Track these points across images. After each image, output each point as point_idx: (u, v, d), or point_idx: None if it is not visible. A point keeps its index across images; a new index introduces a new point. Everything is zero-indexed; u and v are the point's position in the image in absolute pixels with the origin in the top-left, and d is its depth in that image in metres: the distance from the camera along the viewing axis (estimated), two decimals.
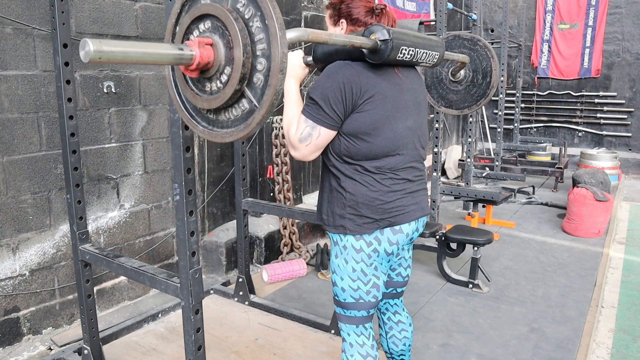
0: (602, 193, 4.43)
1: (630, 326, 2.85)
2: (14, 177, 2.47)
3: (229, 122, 1.16)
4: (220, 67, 1.11)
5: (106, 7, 2.75)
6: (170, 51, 1.06)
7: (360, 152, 1.55)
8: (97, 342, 2.29)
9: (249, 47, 1.07)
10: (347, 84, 1.49)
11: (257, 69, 1.07)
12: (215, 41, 1.10)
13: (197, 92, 1.19)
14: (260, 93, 1.08)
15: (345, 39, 1.38)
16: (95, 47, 0.92)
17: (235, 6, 1.09)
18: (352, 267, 1.65)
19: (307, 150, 1.54)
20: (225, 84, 1.10)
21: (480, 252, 3.32)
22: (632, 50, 7.42)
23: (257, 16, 1.05)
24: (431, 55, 1.65)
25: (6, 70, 2.38)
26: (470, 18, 4.51)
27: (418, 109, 1.69)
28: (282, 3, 3.88)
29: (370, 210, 1.59)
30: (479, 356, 2.55)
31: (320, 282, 3.49)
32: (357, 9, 1.66)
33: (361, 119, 1.52)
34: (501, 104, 6.08)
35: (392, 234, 1.63)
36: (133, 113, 2.98)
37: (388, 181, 1.60)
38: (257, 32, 1.06)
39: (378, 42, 1.45)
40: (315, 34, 1.30)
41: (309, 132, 1.51)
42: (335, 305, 1.77)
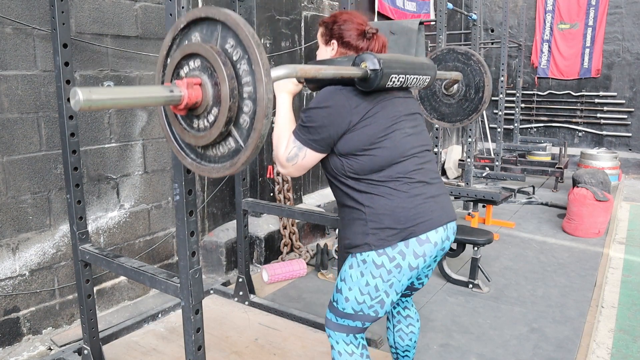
0: (602, 193, 4.43)
1: (630, 326, 2.85)
2: (14, 177, 2.47)
3: (217, 157, 1.19)
4: (208, 107, 1.13)
5: (106, 7, 2.75)
6: (158, 94, 1.08)
7: (365, 167, 1.55)
8: (97, 342, 2.29)
9: (236, 90, 1.09)
10: (336, 111, 1.51)
11: (244, 111, 1.09)
12: (203, 81, 1.13)
13: (185, 127, 1.21)
14: (246, 134, 1.10)
15: (334, 71, 1.41)
16: (85, 96, 0.94)
17: (224, 46, 1.11)
18: (366, 281, 1.59)
19: (292, 169, 1.58)
20: (212, 125, 1.13)
21: (480, 252, 3.32)
22: (632, 50, 7.42)
23: (245, 59, 1.07)
24: (422, 79, 1.67)
25: (6, 70, 2.38)
26: (470, 18, 4.51)
27: (413, 117, 1.69)
28: (282, 3, 3.88)
29: (392, 220, 1.54)
30: (479, 356, 2.55)
31: (320, 282, 3.49)
32: (349, 31, 1.67)
33: (356, 138, 1.53)
34: (501, 104, 6.08)
35: (418, 246, 1.56)
36: (133, 113, 2.98)
37: (405, 186, 1.56)
38: (245, 74, 1.08)
39: (368, 71, 1.47)
40: (303, 70, 1.33)
41: (296, 152, 1.55)
42: (330, 310, 1.73)
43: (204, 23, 1.15)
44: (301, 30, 4.19)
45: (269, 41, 3.79)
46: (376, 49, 1.69)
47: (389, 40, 3.85)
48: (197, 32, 1.17)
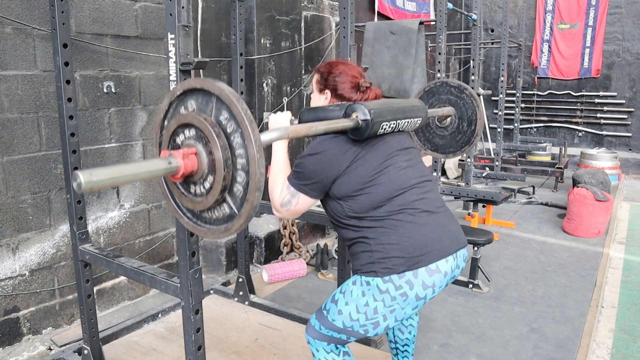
0: (602, 193, 4.43)
1: (630, 326, 2.85)
2: (14, 177, 2.46)
3: (212, 220, 1.23)
4: (204, 175, 1.17)
5: (106, 7, 2.75)
6: (156, 168, 1.13)
7: (364, 205, 1.56)
8: (97, 342, 2.29)
9: (230, 160, 1.13)
10: (327, 158, 1.55)
11: (238, 181, 1.14)
12: (198, 150, 1.17)
13: (182, 191, 1.25)
14: (239, 203, 1.15)
15: (326, 127, 1.45)
16: (86, 179, 0.97)
17: (218, 117, 1.15)
18: (366, 301, 1.56)
19: (287, 214, 1.62)
20: (208, 192, 1.18)
21: (480, 252, 3.32)
22: (632, 50, 7.42)
23: (238, 132, 1.11)
24: (413, 122, 1.70)
25: (6, 70, 2.38)
26: (470, 18, 4.51)
27: (407, 151, 1.69)
28: (282, 3, 3.88)
29: (399, 250, 1.51)
30: (479, 356, 2.55)
31: (320, 282, 3.49)
32: (343, 84, 1.70)
33: (348, 181, 1.55)
34: (501, 104, 6.08)
35: (427, 276, 1.52)
36: (133, 113, 2.98)
37: (409, 217, 1.55)
38: (238, 147, 1.12)
39: (359, 121, 1.51)
40: (295, 131, 1.38)
41: (289, 199, 1.59)
42: (316, 316, 1.70)
43: (200, 93, 1.19)
44: (301, 30, 4.19)
45: (269, 41, 3.79)
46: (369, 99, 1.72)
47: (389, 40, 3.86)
48: (193, 100, 1.21)
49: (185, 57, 1.47)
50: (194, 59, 1.48)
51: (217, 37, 3.47)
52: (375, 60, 3.92)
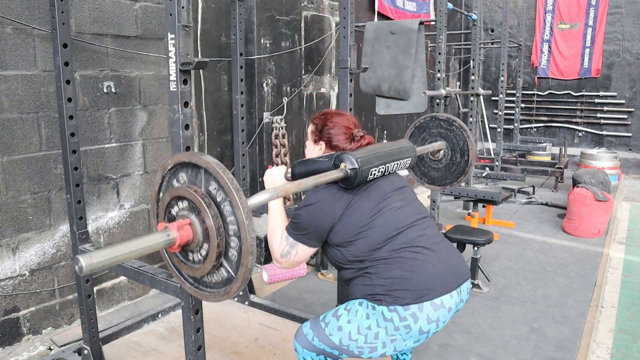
0: (602, 193, 4.43)
1: (630, 326, 2.85)
2: (14, 177, 2.46)
3: (212, 284, 1.29)
4: (199, 243, 1.24)
5: (106, 7, 2.75)
6: (153, 243, 1.19)
7: (362, 249, 1.57)
8: (97, 342, 2.29)
9: (222, 229, 1.20)
10: (320, 207, 1.59)
11: (232, 246, 1.20)
12: (192, 220, 1.24)
13: (182, 260, 1.32)
14: (235, 267, 1.21)
15: (314, 181, 1.50)
16: (86, 262, 1.03)
17: (208, 188, 1.23)
18: (369, 325, 1.56)
19: (287, 265, 1.66)
20: (205, 259, 1.24)
21: (480, 252, 3.32)
22: (632, 50, 7.41)
23: (227, 201, 1.18)
24: (402, 163, 1.75)
25: (6, 70, 2.38)
26: (470, 18, 4.51)
27: (400, 191, 1.71)
28: (282, 3, 3.88)
29: (404, 284, 1.51)
30: (479, 356, 2.55)
31: (320, 282, 3.49)
32: (337, 136, 1.75)
33: (343, 228, 1.58)
34: (501, 104, 6.08)
35: (432, 310, 1.52)
36: (133, 113, 2.98)
37: (410, 254, 1.55)
38: (228, 214, 1.19)
39: (348, 171, 1.56)
40: (284, 190, 1.43)
41: (288, 250, 1.63)
42: (311, 326, 1.69)
43: (189, 166, 1.27)
44: (301, 30, 4.19)
45: (269, 41, 3.79)
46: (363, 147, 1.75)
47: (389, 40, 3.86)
48: (184, 173, 1.29)
49: (185, 57, 1.47)
50: (194, 59, 1.48)
51: (217, 37, 3.47)
52: (375, 60, 3.93)
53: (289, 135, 3.98)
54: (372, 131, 5.66)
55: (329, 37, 4.55)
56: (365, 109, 5.23)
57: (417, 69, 3.79)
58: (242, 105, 2.80)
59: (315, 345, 1.65)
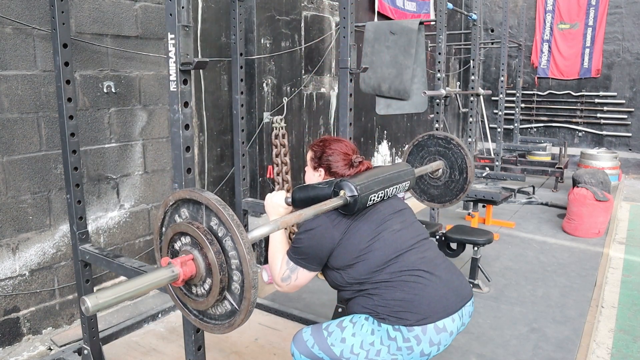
0: (602, 193, 4.43)
1: (630, 326, 2.85)
2: (14, 177, 2.46)
3: (216, 316, 1.32)
4: (203, 277, 1.26)
5: (106, 7, 2.75)
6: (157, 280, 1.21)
7: (362, 271, 1.58)
8: (97, 342, 2.29)
9: (225, 264, 1.22)
10: (319, 232, 1.60)
11: (234, 279, 1.23)
12: (195, 255, 1.25)
13: (186, 293, 1.34)
14: (238, 300, 1.24)
15: (314, 211, 1.52)
16: (93, 303, 1.06)
17: (209, 224, 1.25)
18: (373, 341, 1.55)
19: (287, 289, 1.67)
20: (209, 293, 1.26)
21: (480, 252, 3.32)
22: (632, 50, 7.41)
23: (229, 236, 1.20)
24: (401, 187, 1.77)
25: (6, 70, 2.38)
26: (470, 18, 4.51)
27: (400, 214, 1.72)
28: (282, 3, 3.88)
29: (406, 306, 1.52)
30: (479, 356, 2.55)
31: (320, 282, 3.49)
32: (336, 162, 1.76)
33: (343, 252, 1.59)
34: (501, 104, 6.08)
35: (435, 334, 1.52)
36: (133, 113, 2.98)
37: (412, 278, 1.55)
38: (230, 249, 1.21)
39: (347, 198, 1.57)
40: (284, 222, 1.45)
41: (289, 274, 1.65)
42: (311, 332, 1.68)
43: (190, 202, 1.29)
44: (301, 30, 4.19)
45: (269, 41, 3.79)
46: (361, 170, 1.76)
47: (389, 40, 3.86)
48: (185, 209, 1.31)
49: (185, 57, 1.47)
50: (194, 59, 1.48)
51: (217, 37, 3.47)
52: (375, 60, 3.93)
53: (289, 135, 3.98)
54: (372, 131, 5.66)
55: (329, 37, 4.55)
56: (365, 109, 5.22)
57: (417, 69, 3.79)
58: (242, 105, 2.80)
59: (314, 353, 1.65)
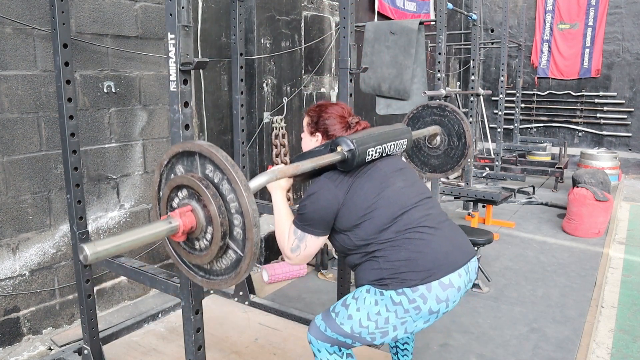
0: (602, 193, 4.43)
1: (630, 326, 2.85)
2: (14, 177, 2.46)
3: (222, 270, 1.29)
4: (203, 228, 1.25)
5: (106, 7, 2.75)
6: (156, 230, 1.20)
7: (369, 230, 1.58)
8: (97, 342, 2.29)
9: (223, 207, 1.20)
10: (322, 194, 1.60)
11: (235, 224, 1.21)
12: (194, 206, 1.24)
13: (189, 251, 1.32)
14: (242, 244, 1.21)
15: (312, 164, 1.52)
16: (91, 251, 1.04)
17: (204, 172, 1.24)
18: (378, 310, 1.57)
19: (298, 260, 1.66)
20: (211, 242, 1.24)
21: (480, 252, 3.32)
22: (632, 50, 7.41)
23: (225, 179, 1.19)
24: (399, 144, 1.77)
25: (6, 70, 2.38)
26: (470, 18, 4.51)
27: (402, 172, 1.72)
28: (282, 3, 3.88)
29: (411, 266, 1.52)
30: (479, 356, 2.55)
31: (320, 282, 3.49)
32: (333, 126, 1.76)
33: (347, 212, 1.59)
34: (501, 104, 6.08)
35: (441, 290, 1.53)
36: (133, 113, 2.98)
37: (416, 234, 1.56)
38: (227, 192, 1.20)
39: (344, 153, 1.57)
40: (282, 172, 1.44)
41: (297, 244, 1.64)
42: (322, 317, 1.70)
43: (184, 156, 1.28)
44: (301, 30, 4.19)
45: (269, 41, 3.79)
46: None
47: (389, 40, 3.86)
48: (180, 164, 1.30)
49: (185, 57, 1.47)
50: (194, 59, 1.48)
51: (217, 37, 3.47)
52: (375, 60, 3.93)
53: (289, 135, 3.98)
54: None
55: (329, 37, 4.55)
56: (365, 109, 5.23)
57: (417, 69, 3.79)
58: (242, 105, 2.80)
59: (328, 335, 1.67)
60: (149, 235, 1.18)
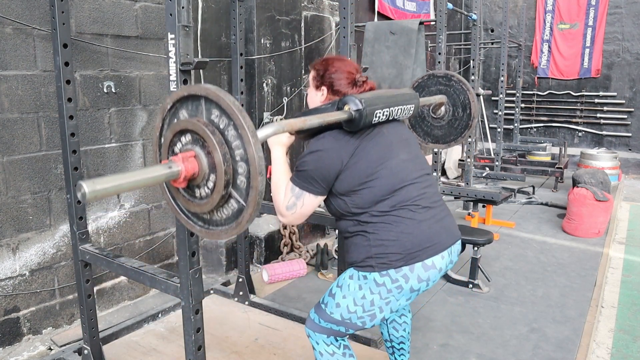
0: (602, 193, 4.43)
1: (630, 326, 2.85)
2: (14, 177, 2.47)
3: (222, 220, 1.24)
4: (206, 175, 1.19)
5: (106, 7, 2.75)
6: (158, 173, 1.15)
7: (366, 199, 1.57)
8: (97, 342, 2.29)
9: (228, 154, 1.15)
10: (327, 153, 1.56)
11: (239, 172, 1.16)
12: (197, 152, 1.19)
13: (189, 198, 1.27)
14: (245, 193, 1.16)
15: (319, 120, 1.47)
16: (90, 188, 0.99)
17: (210, 118, 1.18)
18: (363, 294, 1.61)
19: (292, 218, 1.62)
20: (213, 190, 1.19)
21: (480, 252, 3.32)
22: (632, 50, 7.41)
23: (231, 125, 1.13)
24: (406, 109, 1.72)
25: (6, 70, 2.38)
26: (470, 18, 4.51)
27: (407, 143, 1.71)
28: (282, 3, 3.88)
29: (397, 247, 1.55)
30: (479, 356, 2.55)
31: (320, 282, 3.49)
32: (339, 80, 1.71)
33: (350, 175, 1.57)
34: (501, 104, 6.08)
35: (423, 271, 1.57)
36: (133, 113, 2.98)
37: (408, 213, 1.58)
38: (233, 139, 1.14)
39: (352, 112, 1.53)
40: (289, 125, 1.39)
41: (294, 201, 1.59)
42: (315, 310, 1.74)
43: (188, 100, 1.22)
44: (301, 30, 4.19)
45: (269, 41, 3.79)
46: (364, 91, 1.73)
47: (389, 40, 3.86)
48: (184, 109, 1.24)
49: (185, 57, 1.47)
50: (194, 59, 1.48)
51: (217, 37, 3.47)
52: (375, 60, 3.93)
53: None
54: None
55: (329, 37, 4.55)
56: None
57: (417, 69, 3.79)
58: (242, 105, 2.80)
59: (322, 326, 1.70)
60: (148, 178, 1.13)
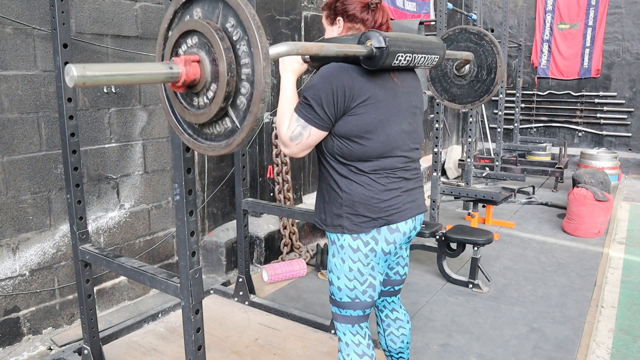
0: (602, 193, 4.43)
1: (630, 326, 2.85)
2: (14, 177, 2.47)
3: (213, 135, 1.18)
4: (207, 84, 1.12)
5: (106, 7, 2.75)
6: (154, 71, 1.07)
7: (354, 154, 1.57)
8: (97, 342, 2.29)
9: (234, 66, 1.07)
10: (340, 87, 1.49)
11: (241, 92, 1.08)
12: (201, 58, 1.11)
13: (185, 106, 1.20)
14: (242, 116, 1.09)
15: (338, 49, 1.37)
16: (79, 72, 0.93)
17: (224, 25, 1.09)
18: (348, 267, 1.66)
19: (296, 149, 1.56)
20: (212, 100, 1.12)
21: (480, 252, 3.32)
22: (632, 50, 7.41)
23: (244, 40, 1.05)
24: (430, 58, 1.64)
25: (6, 70, 2.38)
26: (470, 18, 4.51)
27: (413, 112, 1.70)
28: (282, 3, 3.88)
29: (366, 209, 1.60)
30: (479, 356, 2.55)
31: (320, 282, 3.49)
32: (352, 4, 1.65)
33: (353, 122, 1.53)
34: (501, 104, 6.08)
35: (389, 233, 1.64)
36: (133, 113, 2.98)
37: (384, 180, 1.61)
38: (244, 55, 1.06)
39: (373, 49, 1.43)
40: (305, 47, 1.28)
41: (300, 131, 1.53)
42: (331, 304, 1.78)
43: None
44: (301, 30, 4.19)
45: (269, 41, 3.78)
46: (380, 19, 1.67)
47: None
48: (199, 7, 1.15)
49: None
50: None
51: None
52: None
53: None
54: None
55: None
56: None
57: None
58: None
59: (343, 315, 1.74)
60: (145, 74, 1.05)
